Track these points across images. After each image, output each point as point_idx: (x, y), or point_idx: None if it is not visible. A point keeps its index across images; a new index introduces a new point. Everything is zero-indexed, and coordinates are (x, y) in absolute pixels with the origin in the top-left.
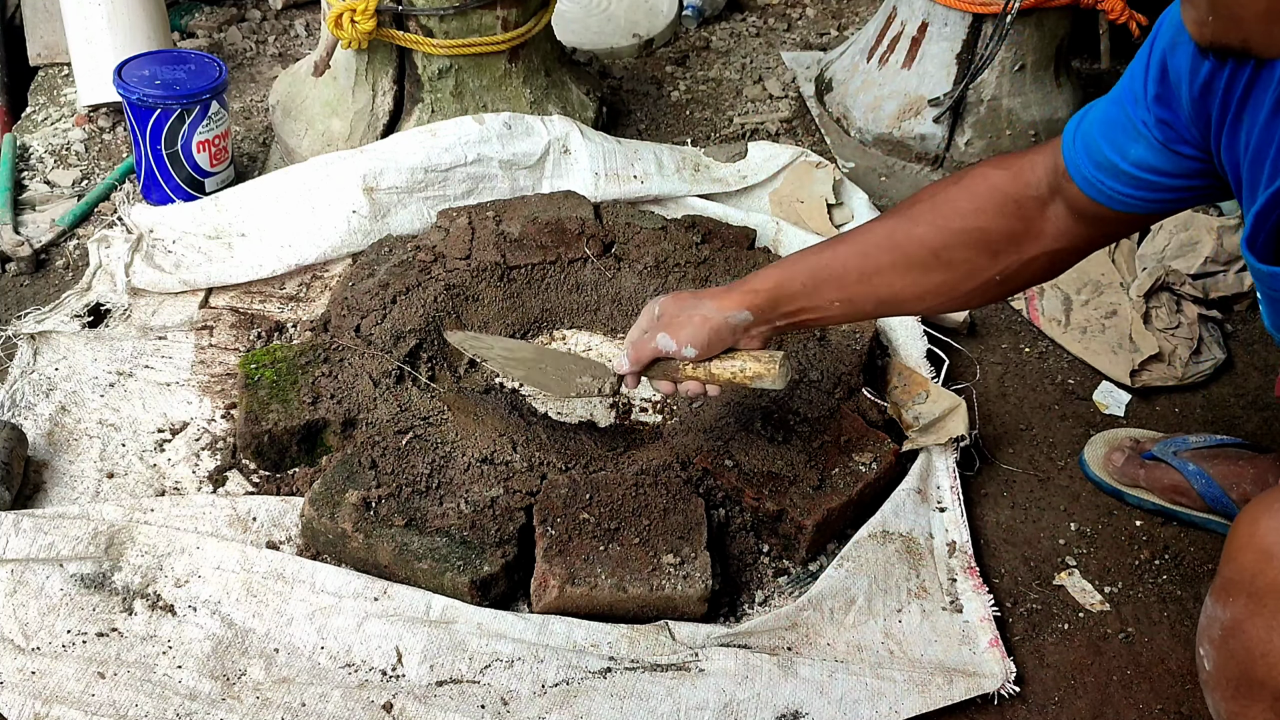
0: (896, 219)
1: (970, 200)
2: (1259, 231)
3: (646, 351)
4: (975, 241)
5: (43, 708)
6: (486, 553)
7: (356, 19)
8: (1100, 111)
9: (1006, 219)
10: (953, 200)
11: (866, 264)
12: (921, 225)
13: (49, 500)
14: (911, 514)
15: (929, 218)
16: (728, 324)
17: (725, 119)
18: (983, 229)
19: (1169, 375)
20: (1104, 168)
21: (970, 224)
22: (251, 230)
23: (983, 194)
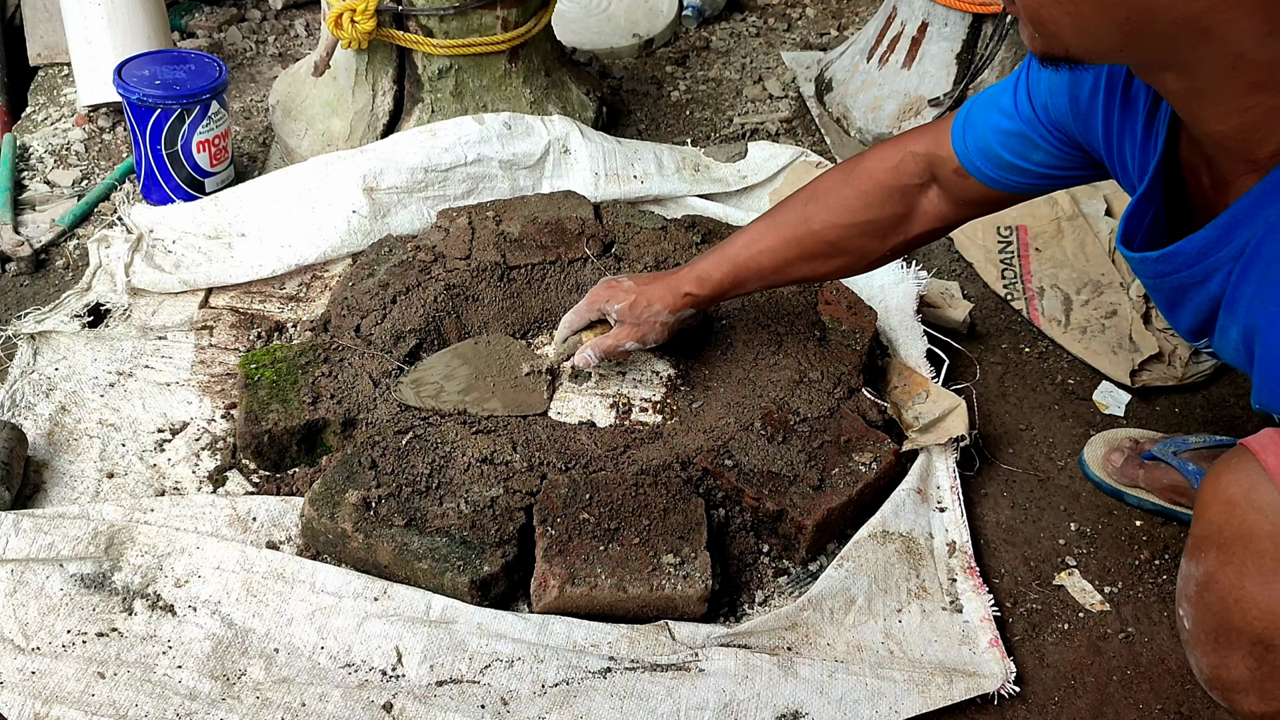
0: (795, 215)
1: (859, 197)
2: (1133, 232)
3: (616, 353)
4: (866, 232)
5: (43, 708)
6: (486, 553)
7: (356, 19)
8: (994, 124)
9: (891, 208)
10: (844, 199)
11: (778, 260)
12: (818, 224)
13: (49, 500)
14: (911, 514)
15: (824, 217)
16: (679, 321)
17: (725, 119)
18: (872, 220)
19: (1169, 375)
20: (1007, 168)
21: (861, 218)
22: (251, 230)
23: (870, 190)
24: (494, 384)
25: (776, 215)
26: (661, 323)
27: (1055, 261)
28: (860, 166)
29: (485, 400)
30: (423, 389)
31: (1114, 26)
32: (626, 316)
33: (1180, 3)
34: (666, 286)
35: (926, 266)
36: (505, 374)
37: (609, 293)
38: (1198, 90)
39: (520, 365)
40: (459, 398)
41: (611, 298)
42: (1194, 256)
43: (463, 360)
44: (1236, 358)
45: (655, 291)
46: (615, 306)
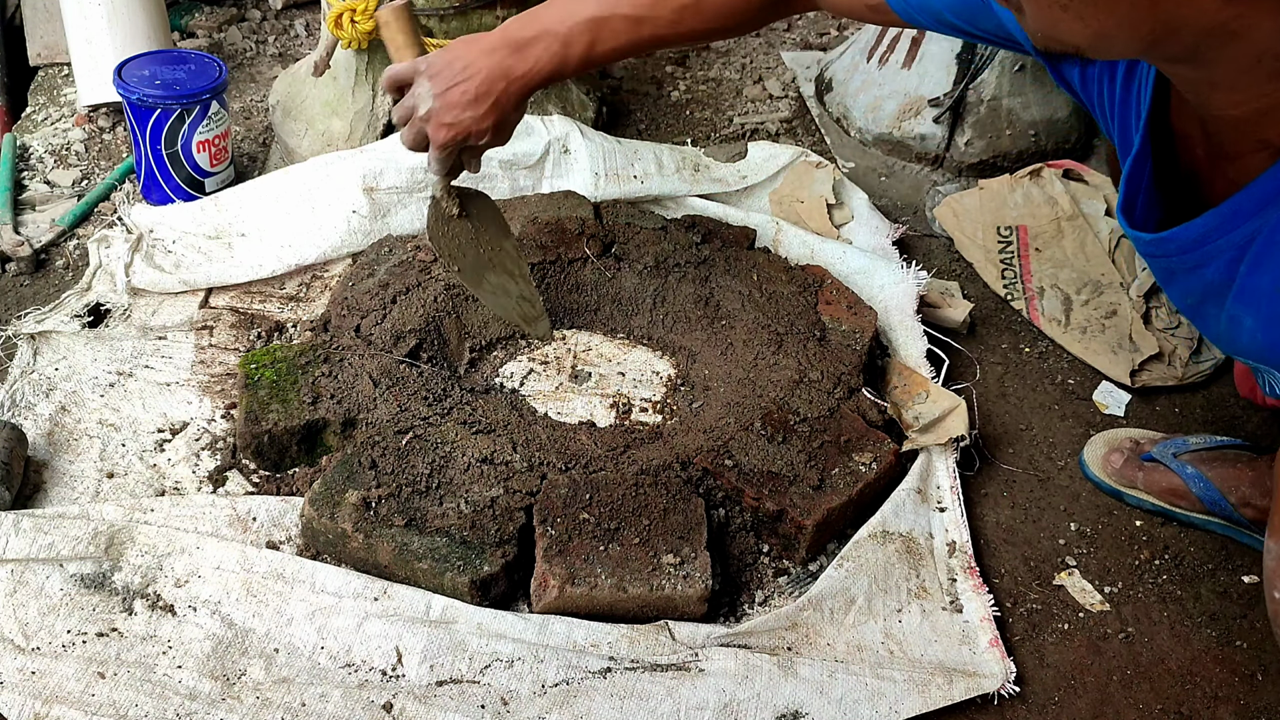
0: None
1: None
2: (1133, 195)
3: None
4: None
5: (43, 708)
6: (486, 553)
7: (356, 19)
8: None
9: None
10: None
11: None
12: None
13: (49, 500)
14: (911, 514)
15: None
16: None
17: (725, 119)
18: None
19: (1169, 375)
20: (931, 15)
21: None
22: (251, 230)
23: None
24: (510, 289)
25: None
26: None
27: (1055, 261)
28: None
29: (485, 292)
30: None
31: (1137, 37)
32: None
33: (1208, 13)
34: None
35: (926, 266)
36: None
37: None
38: (1213, 81)
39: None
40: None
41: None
42: (1188, 244)
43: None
44: (1251, 345)
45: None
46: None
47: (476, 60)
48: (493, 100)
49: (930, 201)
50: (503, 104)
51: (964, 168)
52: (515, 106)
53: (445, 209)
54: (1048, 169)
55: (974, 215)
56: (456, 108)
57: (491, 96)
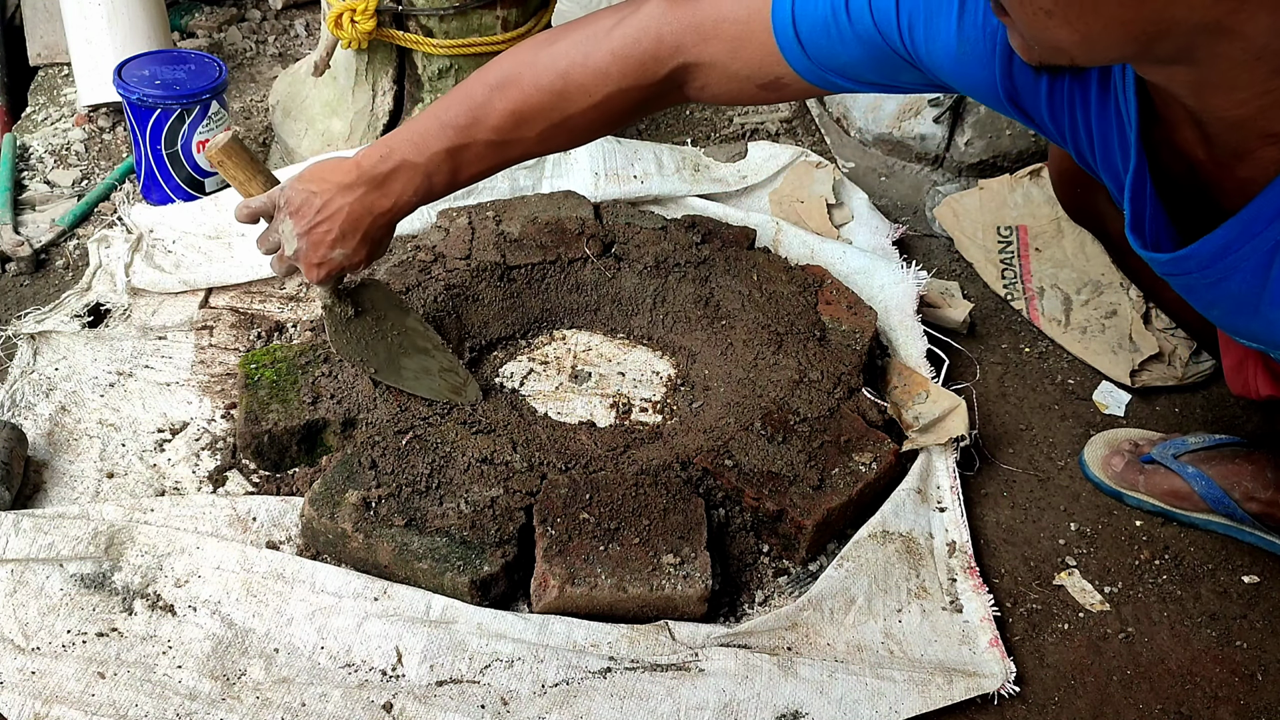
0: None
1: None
2: (1140, 212)
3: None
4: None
5: (43, 708)
6: (486, 553)
7: (356, 19)
8: (823, 34)
9: (641, 105)
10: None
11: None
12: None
13: (49, 500)
14: (911, 514)
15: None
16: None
17: (725, 119)
18: (624, 110)
19: (1169, 375)
20: (842, 74)
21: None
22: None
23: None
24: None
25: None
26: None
27: (1055, 261)
28: (609, 37)
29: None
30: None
31: (1127, 39)
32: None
33: (1198, 10)
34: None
35: (926, 266)
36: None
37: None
38: (1210, 82)
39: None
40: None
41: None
42: (1209, 258)
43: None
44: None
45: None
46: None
47: (335, 199)
48: (360, 235)
49: (930, 201)
50: (372, 235)
51: (964, 168)
52: (387, 233)
53: (340, 314)
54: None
55: (974, 215)
56: (324, 247)
57: (358, 232)
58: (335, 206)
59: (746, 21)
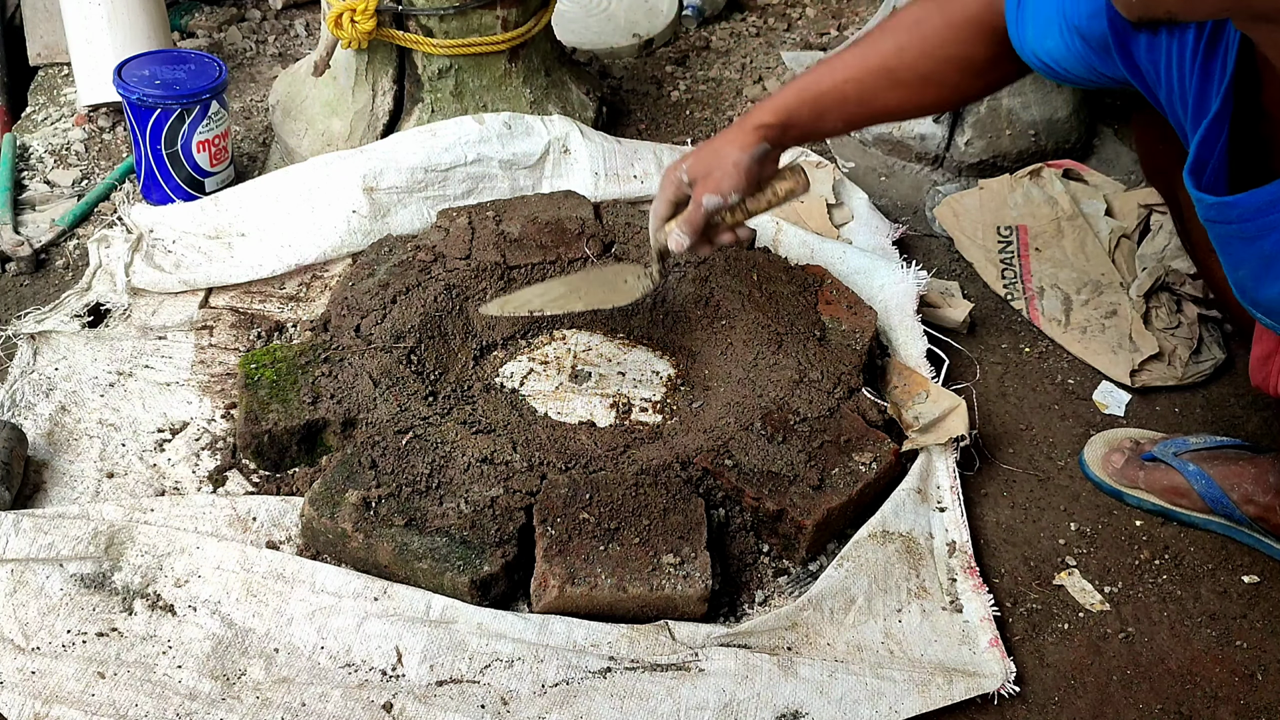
0: (887, 46)
1: (952, 30)
2: (1205, 158)
3: (700, 218)
4: (962, 67)
5: (43, 708)
6: (486, 553)
7: (356, 19)
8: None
9: (987, 46)
10: (936, 30)
11: (864, 91)
12: (911, 53)
13: (49, 500)
14: (911, 514)
15: (917, 46)
16: (755, 160)
17: (725, 119)
18: (967, 56)
19: (1169, 375)
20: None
21: (955, 52)
22: (251, 230)
23: (962, 24)
24: (585, 291)
25: (860, 45)
26: (734, 163)
27: (1055, 261)
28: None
29: (569, 303)
30: (509, 303)
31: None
32: (697, 172)
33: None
34: (737, 125)
35: (926, 266)
36: (603, 284)
37: (676, 162)
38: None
39: (624, 275)
40: (541, 302)
41: (679, 163)
42: (1252, 211)
43: (564, 283)
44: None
45: (724, 135)
46: (684, 167)
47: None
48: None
49: (930, 201)
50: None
51: (964, 168)
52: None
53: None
54: (1048, 169)
55: (974, 215)
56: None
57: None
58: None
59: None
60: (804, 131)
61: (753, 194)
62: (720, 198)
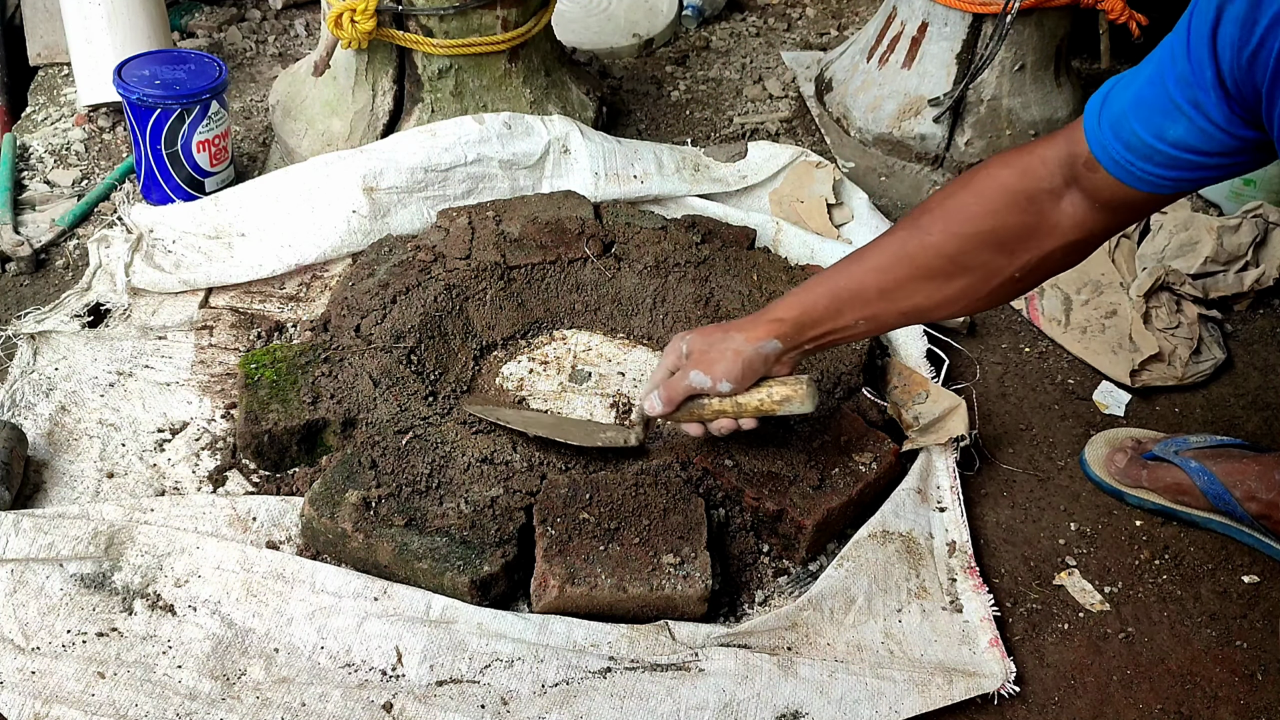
0: (908, 230)
1: (980, 202)
2: None
3: (680, 390)
4: (990, 243)
5: (43, 708)
6: (486, 553)
7: (356, 19)
8: (1133, 94)
9: (1019, 215)
10: (962, 204)
11: (885, 280)
12: (934, 234)
13: (49, 500)
14: (911, 514)
15: (940, 225)
16: (759, 354)
17: (725, 119)
18: (995, 229)
19: (1169, 375)
20: (1136, 149)
21: (983, 226)
22: (251, 230)
23: (991, 194)
24: (561, 427)
25: (885, 234)
26: (734, 350)
27: None
28: (982, 171)
29: (535, 428)
30: (486, 410)
31: None
32: (697, 347)
33: None
34: (754, 315)
35: None
36: (582, 428)
37: (685, 332)
38: None
39: (608, 430)
40: (511, 417)
41: (686, 334)
42: None
43: (552, 416)
44: None
45: (737, 322)
46: (686, 339)
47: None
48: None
49: None
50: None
51: (964, 168)
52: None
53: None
54: None
55: None
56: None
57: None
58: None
59: None
60: (821, 331)
61: (746, 390)
62: (709, 379)
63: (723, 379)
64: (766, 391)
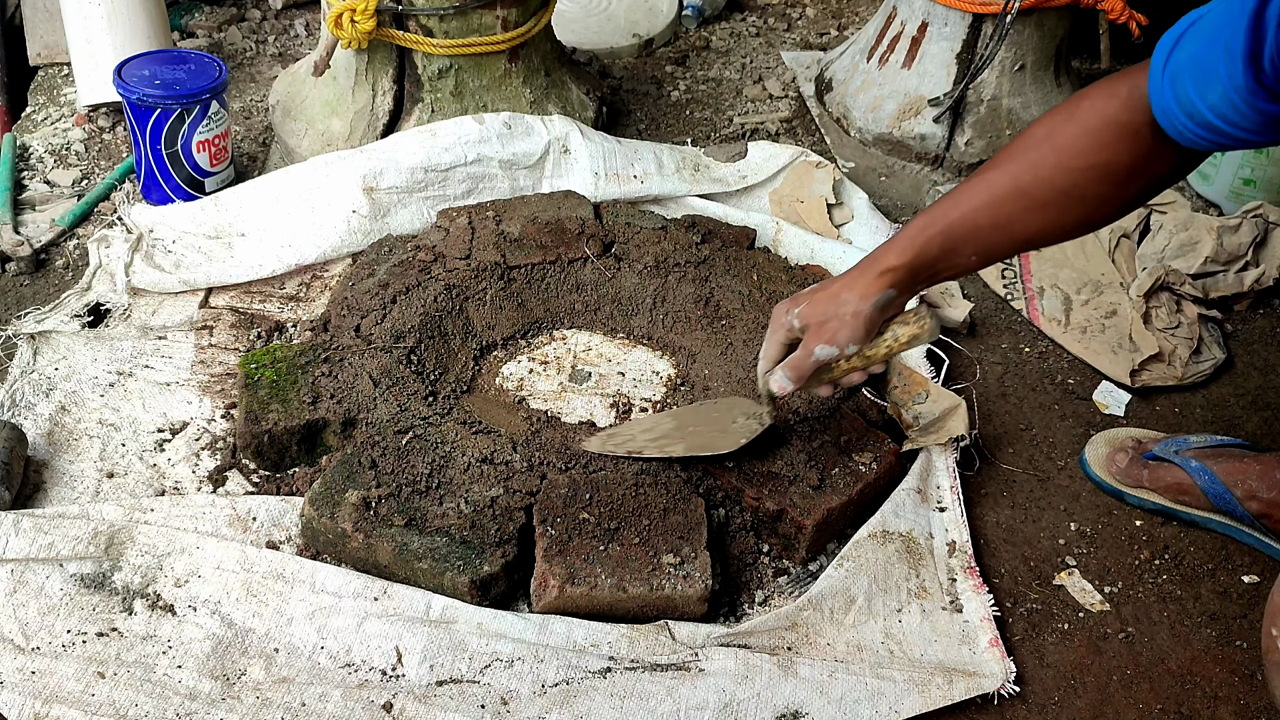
0: (1018, 165)
1: (1090, 136)
2: None
3: (808, 367)
4: (1103, 176)
5: (43, 708)
6: (486, 553)
7: (356, 19)
8: (1191, 51)
9: (1130, 147)
10: (1072, 139)
11: (998, 216)
12: (1046, 169)
13: (49, 500)
14: (911, 514)
15: (1053, 160)
16: (877, 309)
17: (725, 119)
18: (1109, 163)
19: (1169, 375)
20: (1184, 105)
21: (1095, 160)
22: (251, 230)
23: (1101, 128)
24: (692, 430)
25: (987, 169)
26: (853, 312)
27: (1055, 261)
28: (1085, 102)
29: (670, 445)
30: (612, 439)
31: None
32: (811, 319)
33: None
34: (858, 269)
35: None
36: (710, 423)
37: (788, 303)
38: None
39: (734, 414)
40: (644, 441)
41: (791, 306)
42: None
43: (674, 417)
44: None
45: (843, 280)
46: (796, 312)
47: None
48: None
49: (930, 201)
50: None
51: (964, 168)
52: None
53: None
54: None
55: None
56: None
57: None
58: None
59: None
60: (935, 270)
61: (869, 342)
62: (835, 348)
63: (848, 344)
64: (892, 334)
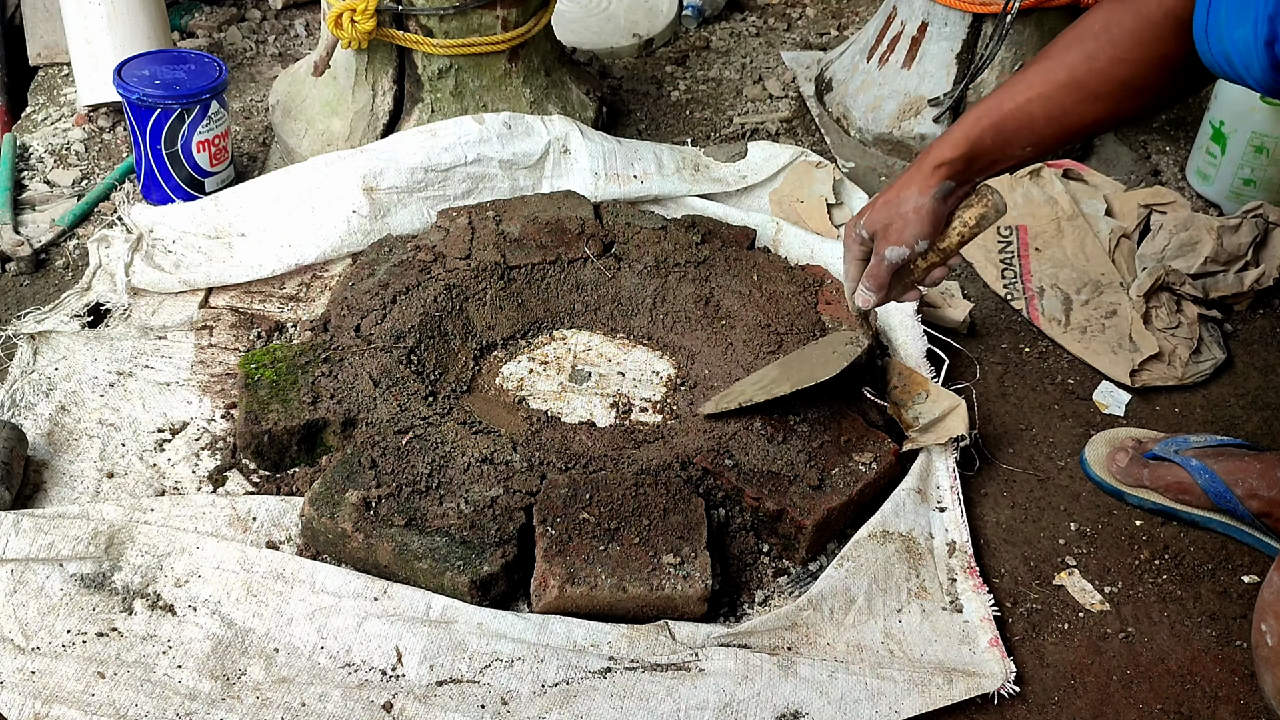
0: (1074, 55)
1: (1147, 28)
2: None
3: (885, 273)
4: (1161, 68)
5: (43, 708)
6: (486, 553)
7: (356, 19)
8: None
9: (1187, 39)
10: (1130, 30)
11: (1053, 107)
12: (1102, 60)
13: (49, 500)
14: (911, 514)
15: (1109, 52)
16: (938, 200)
17: (725, 119)
18: (1166, 55)
19: (1169, 375)
20: (1215, 27)
21: (1153, 52)
22: (251, 230)
23: (1158, 19)
24: (795, 369)
25: (1041, 60)
26: (914, 209)
27: (1055, 261)
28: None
29: (777, 386)
30: (725, 399)
31: None
32: (876, 224)
33: None
34: (914, 166)
35: None
36: (811, 361)
37: (854, 218)
38: None
39: (834, 345)
40: (753, 391)
41: (857, 218)
42: None
43: (778, 366)
44: None
45: (900, 180)
46: (862, 222)
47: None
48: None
49: None
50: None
51: None
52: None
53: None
54: (1048, 169)
55: None
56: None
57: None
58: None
59: None
60: (990, 161)
61: (940, 234)
62: (905, 248)
63: (916, 240)
64: (960, 221)
